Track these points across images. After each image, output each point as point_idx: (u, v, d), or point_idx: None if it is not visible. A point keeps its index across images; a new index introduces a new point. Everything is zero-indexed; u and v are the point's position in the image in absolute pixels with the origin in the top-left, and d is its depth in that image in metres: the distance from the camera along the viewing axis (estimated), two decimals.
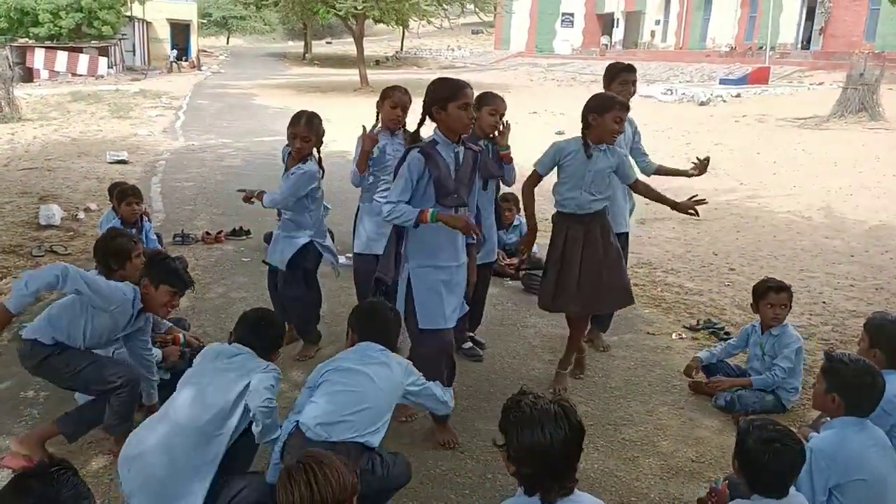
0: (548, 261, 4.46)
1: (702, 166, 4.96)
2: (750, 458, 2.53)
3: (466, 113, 3.59)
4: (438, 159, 3.61)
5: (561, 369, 4.61)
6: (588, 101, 4.23)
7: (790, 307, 4.41)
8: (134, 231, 5.91)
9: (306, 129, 4.47)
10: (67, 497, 1.93)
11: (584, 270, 4.29)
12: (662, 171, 5.07)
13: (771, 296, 4.34)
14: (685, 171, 5.03)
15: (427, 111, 3.68)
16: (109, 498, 3.36)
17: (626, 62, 5.02)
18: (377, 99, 4.85)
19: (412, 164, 3.59)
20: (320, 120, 4.63)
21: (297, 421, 3.00)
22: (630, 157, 4.86)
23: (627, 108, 4.18)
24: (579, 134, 4.23)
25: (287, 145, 4.69)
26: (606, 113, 4.09)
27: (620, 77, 4.84)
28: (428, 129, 3.79)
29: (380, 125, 4.77)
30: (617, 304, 4.61)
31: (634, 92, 4.86)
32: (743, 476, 2.58)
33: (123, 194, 5.91)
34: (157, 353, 4.24)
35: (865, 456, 2.78)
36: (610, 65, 5.04)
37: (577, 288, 4.30)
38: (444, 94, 3.58)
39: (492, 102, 4.57)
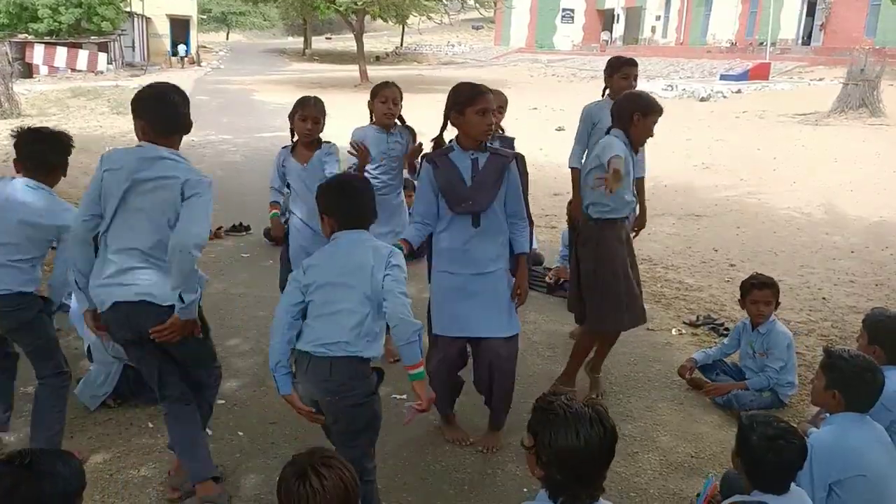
0: (607, 273, 4.15)
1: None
2: (752, 454, 2.53)
3: (485, 119, 3.49)
4: (446, 167, 3.57)
5: (594, 373, 4.54)
6: (631, 99, 4.09)
7: (776, 303, 4.39)
8: None
9: (317, 111, 4.42)
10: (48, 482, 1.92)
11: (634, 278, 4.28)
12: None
13: (754, 293, 4.34)
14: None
15: (447, 116, 3.66)
16: (109, 493, 3.37)
17: (628, 56, 5.02)
18: (369, 99, 4.80)
19: (423, 174, 3.64)
20: None
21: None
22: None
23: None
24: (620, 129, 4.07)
25: (285, 147, 4.59)
26: (650, 115, 4.00)
27: (623, 71, 4.83)
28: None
29: (375, 122, 4.74)
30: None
31: (635, 86, 4.85)
32: (744, 472, 2.59)
33: None
34: None
35: (865, 452, 2.78)
36: (613, 58, 5.04)
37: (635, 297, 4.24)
38: (461, 99, 3.53)
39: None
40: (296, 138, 4.53)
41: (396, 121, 4.73)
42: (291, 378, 2.88)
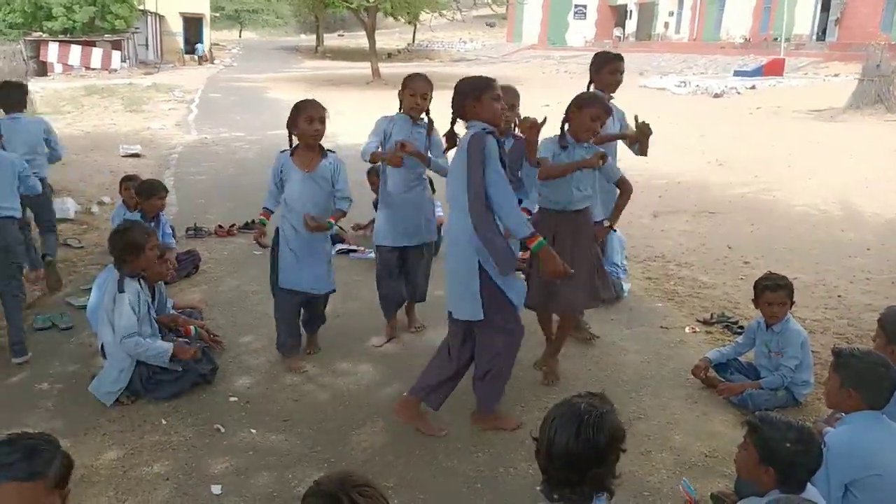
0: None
1: (640, 131, 4.90)
2: (773, 455, 2.49)
3: (500, 103, 3.64)
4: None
5: (550, 357, 4.63)
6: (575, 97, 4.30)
7: (790, 304, 4.33)
8: (152, 224, 5.96)
9: (322, 110, 4.42)
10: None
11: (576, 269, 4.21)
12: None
13: (768, 294, 4.29)
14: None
15: (458, 109, 3.69)
16: (122, 489, 3.38)
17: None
18: (396, 90, 4.85)
19: (492, 147, 3.53)
20: None
21: None
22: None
23: (608, 112, 4.31)
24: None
25: (283, 151, 4.54)
26: (584, 108, 4.20)
27: (610, 66, 4.93)
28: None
29: (402, 112, 4.77)
30: (589, 305, 4.62)
31: (621, 81, 5.00)
32: (772, 474, 2.54)
33: (153, 189, 5.93)
34: (167, 346, 4.25)
35: (882, 451, 2.75)
36: (599, 53, 5.12)
37: (568, 286, 4.25)
38: (479, 86, 3.63)
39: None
40: (295, 143, 4.48)
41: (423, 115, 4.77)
42: None
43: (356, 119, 11.26)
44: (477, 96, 3.60)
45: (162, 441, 3.80)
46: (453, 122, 3.80)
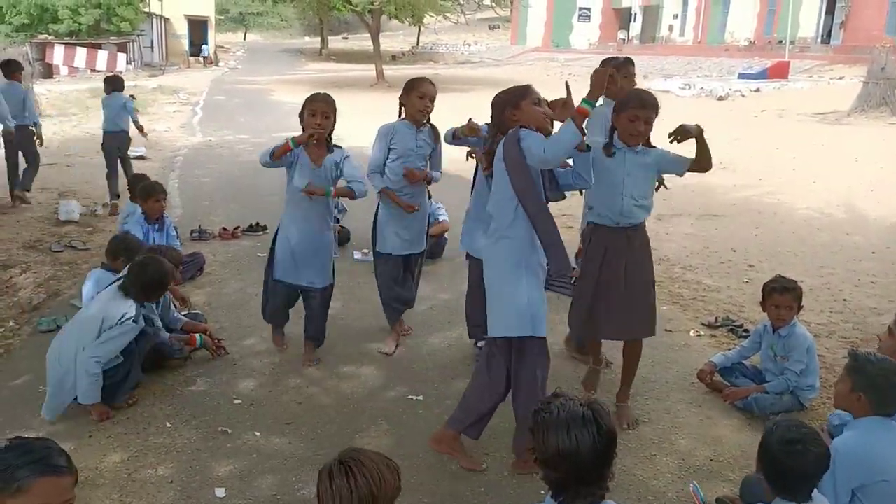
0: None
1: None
2: (774, 459, 2.49)
3: (540, 105, 3.49)
4: None
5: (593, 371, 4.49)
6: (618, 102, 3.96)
7: (798, 308, 4.30)
8: (156, 226, 5.97)
9: (326, 105, 4.35)
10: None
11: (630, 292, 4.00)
12: None
13: (775, 297, 4.27)
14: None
15: (499, 122, 3.66)
16: (127, 492, 3.38)
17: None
18: (399, 93, 4.76)
19: (525, 132, 3.39)
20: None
21: None
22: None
23: (645, 107, 3.82)
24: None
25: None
26: (622, 112, 3.85)
27: (623, 70, 4.83)
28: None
29: (404, 118, 4.73)
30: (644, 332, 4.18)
31: (634, 84, 4.91)
32: (765, 478, 2.55)
33: (150, 191, 5.95)
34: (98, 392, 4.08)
35: (890, 457, 2.74)
36: (609, 58, 5.03)
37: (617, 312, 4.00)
38: (517, 94, 3.59)
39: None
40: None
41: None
42: None
43: (360, 121, 11.27)
44: (515, 104, 3.54)
45: (166, 443, 3.80)
46: (494, 135, 3.66)
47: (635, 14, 50.02)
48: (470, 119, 4.52)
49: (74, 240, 7.47)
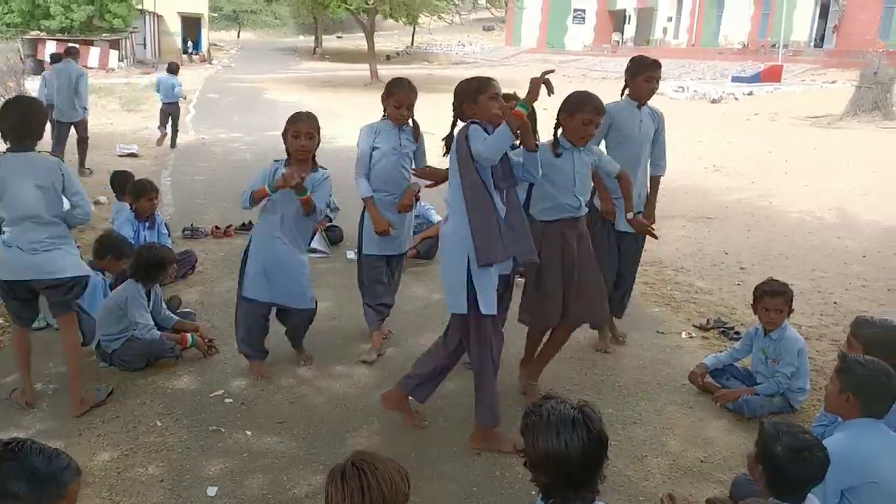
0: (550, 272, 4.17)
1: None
2: (779, 467, 2.49)
3: (497, 102, 3.58)
4: None
5: (531, 380, 4.45)
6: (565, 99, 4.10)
7: (788, 311, 4.32)
8: (147, 224, 5.95)
9: (310, 125, 4.29)
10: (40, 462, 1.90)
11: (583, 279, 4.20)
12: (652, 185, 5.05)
13: (766, 300, 4.29)
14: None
15: (457, 112, 3.69)
16: (117, 490, 3.37)
17: (652, 58, 4.88)
18: (384, 94, 4.75)
19: (474, 128, 3.54)
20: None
21: None
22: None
23: (600, 113, 4.01)
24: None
25: (278, 160, 4.40)
26: (577, 114, 3.98)
27: (647, 73, 4.74)
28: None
29: (386, 118, 4.72)
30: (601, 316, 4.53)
31: (657, 88, 4.83)
32: (767, 483, 2.54)
33: (143, 190, 5.93)
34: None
35: (879, 458, 2.75)
36: (637, 58, 4.87)
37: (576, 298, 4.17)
38: (474, 87, 3.62)
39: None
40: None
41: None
42: None
43: (353, 121, 11.25)
44: (474, 98, 3.59)
45: (157, 442, 3.78)
46: (453, 126, 3.75)
47: (630, 16, 50.13)
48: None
49: None
